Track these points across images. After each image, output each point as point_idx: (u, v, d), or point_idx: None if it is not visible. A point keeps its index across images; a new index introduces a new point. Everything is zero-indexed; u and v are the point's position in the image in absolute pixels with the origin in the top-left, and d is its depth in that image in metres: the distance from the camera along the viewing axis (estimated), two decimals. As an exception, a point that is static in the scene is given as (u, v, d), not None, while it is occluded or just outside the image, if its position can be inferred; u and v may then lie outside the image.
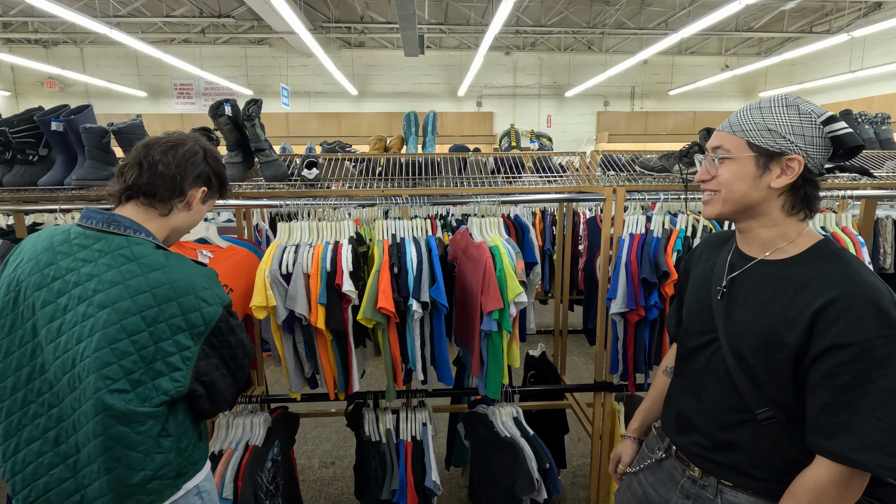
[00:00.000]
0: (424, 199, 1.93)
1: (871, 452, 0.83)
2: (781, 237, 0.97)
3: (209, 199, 1.25)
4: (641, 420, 1.33)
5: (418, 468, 1.91)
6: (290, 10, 5.65)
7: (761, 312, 0.95)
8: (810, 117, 0.92)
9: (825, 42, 7.52)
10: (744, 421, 0.99)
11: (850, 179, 2.08)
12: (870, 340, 0.83)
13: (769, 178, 0.94)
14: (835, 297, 0.86)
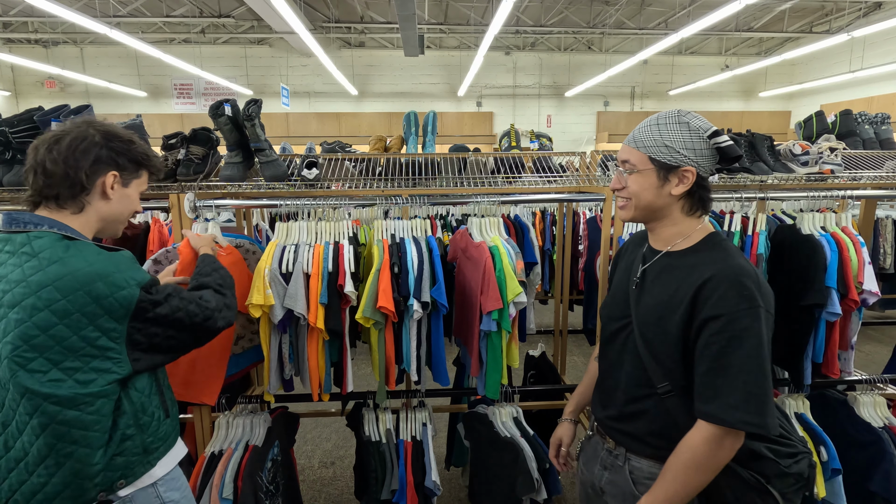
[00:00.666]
0: (424, 199, 1.92)
1: (733, 411, 0.97)
2: (679, 234, 1.13)
3: (133, 180, 1.20)
4: (575, 403, 1.46)
5: (418, 468, 1.91)
6: (290, 10, 5.65)
7: (659, 295, 1.11)
8: (698, 132, 1.08)
9: (825, 42, 7.52)
10: (648, 395, 1.13)
11: (849, 179, 2.08)
12: (733, 312, 0.98)
13: (669, 187, 1.10)
14: (709, 277, 1.02)
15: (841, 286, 1.77)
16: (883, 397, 1.99)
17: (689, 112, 1.10)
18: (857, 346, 1.78)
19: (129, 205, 1.21)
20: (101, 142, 1.12)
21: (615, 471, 1.20)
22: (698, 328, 1.02)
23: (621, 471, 1.18)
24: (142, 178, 1.23)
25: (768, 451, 1.07)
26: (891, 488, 1.78)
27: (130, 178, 1.19)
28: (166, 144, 1.94)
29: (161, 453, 1.20)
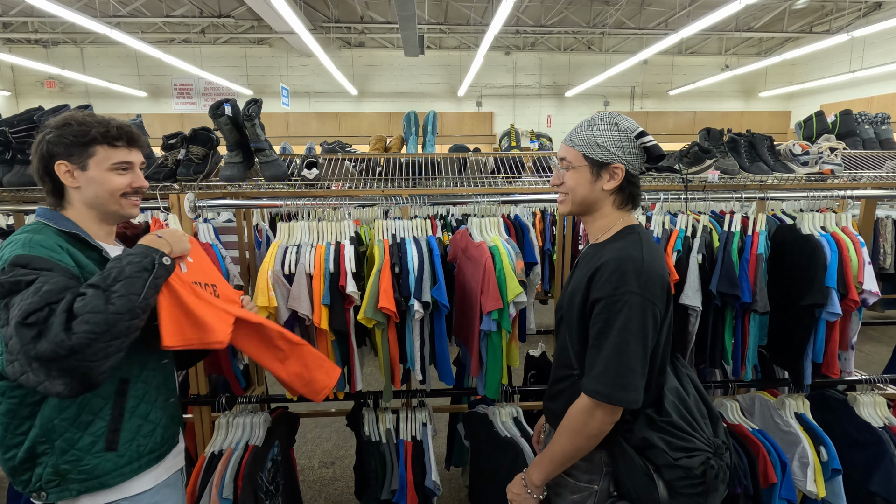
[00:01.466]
0: (424, 199, 1.92)
1: (594, 382, 1.10)
2: (604, 227, 1.23)
3: (88, 161, 1.14)
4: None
5: (418, 468, 1.91)
6: (290, 10, 5.65)
7: (573, 282, 1.22)
8: (626, 132, 1.17)
9: (825, 42, 7.52)
10: (567, 376, 1.24)
11: (849, 179, 2.08)
12: (609, 295, 1.09)
13: (602, 183, 1.19)
14: (600, 264, 1.13)
15: (841, 286, 1.77)
16: (883, 397, 1.99)
17: (619, 114, 1.20)
18: (857, 346, 1.78)
19: (101, 185, 1.15)
20: (45, 138, 1.14)
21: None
22: (589, 310, 1.14)
23: None
24: (99, 155, 1.15)
25: (661, 442, 1.14)
26: (891, 488, 1.79)
27: (84, 160, 1.14)
28: (166, 144, 1.94)
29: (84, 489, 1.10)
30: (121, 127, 1.18)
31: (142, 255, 1.06)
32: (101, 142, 1.15)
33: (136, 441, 1.16)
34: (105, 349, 0.96)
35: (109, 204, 1.18)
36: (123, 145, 1.18)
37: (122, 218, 1.24)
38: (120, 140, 1.17)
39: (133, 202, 1.22)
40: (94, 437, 1.10)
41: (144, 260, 1.05)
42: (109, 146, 1.16)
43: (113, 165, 1.17)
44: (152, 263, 1.06)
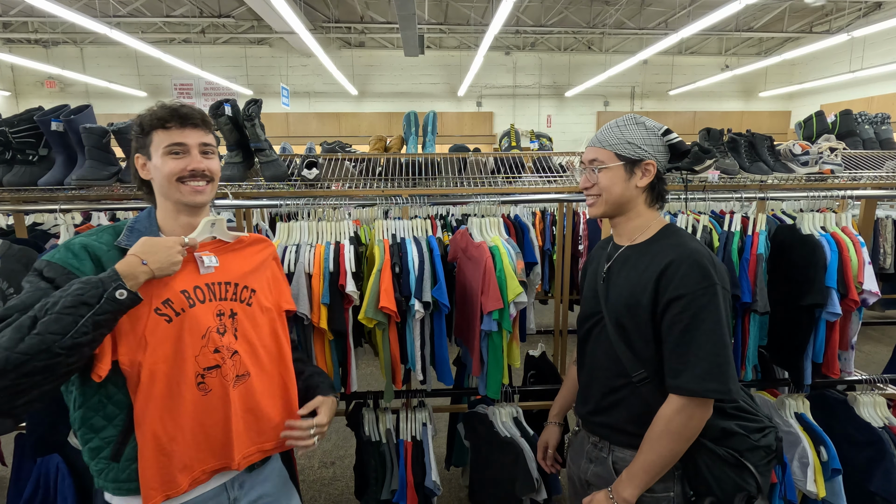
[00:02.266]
0: (424, 199, 1.92)
1: (699, 381, 1.07)
2: (640, 227, 1.25)
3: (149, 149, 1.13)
4: (559, 406, 1.55)
5: (418, 468, 1.91)
6: (290, 10, 5.65)
7: (626, 284, 1.20)
8: (653, 131, 1.22)
9: (825, 42, 7.52)
10: (623, 385, 1.21)
11: (849, 179, 2.08)
12: (693, 292, 1.09)
13: (635, 180, 1.22)
14: (669, 262, 1.12)
15: (841, 286, 1.77)
16: (883, 397, 1.99)
17: (642, 116, 1.25)
18: (857, 346, 1.78)
19: (159, 172, 1.12)
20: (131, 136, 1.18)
21: (599, 463, 1.26)
22: (663, 309, 1.12)
23: (605, 462, 1.24)
24: (156, 140, 1.12)
25: (739, 428, 1.16)
26: (891, 488, 1.79)
27: (148, 149, 1.13)
28: (166, 144, 1.93)
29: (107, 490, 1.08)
30: (169, 106, 1.12)
31: (91, 286, 0.93)
32: (155, 126, 1.12)
33: (134, 465, 1.06)
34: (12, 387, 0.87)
35: (170, 191, 1.12)
36: (175, 125, 1.11)
37: (189, 206, 1.14)
38: (171, 121, 1.11)
39: (193, 188, 1.12)
40: (103, 443, 1.06)
41: (89, 292, 0.92)
42: (162, 129, 1.11)
43: (165, 149, 1.11)
44: (98, 297, 0.92)
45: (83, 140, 1.78)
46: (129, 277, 0.97)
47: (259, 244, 1.30)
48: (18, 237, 2.05)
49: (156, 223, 1.16)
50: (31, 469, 1.73)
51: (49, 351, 0.88)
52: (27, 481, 1.72)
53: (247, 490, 1.20)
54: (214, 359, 1.11)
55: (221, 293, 1.16)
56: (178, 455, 1.07)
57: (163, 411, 1.06)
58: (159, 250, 1.02)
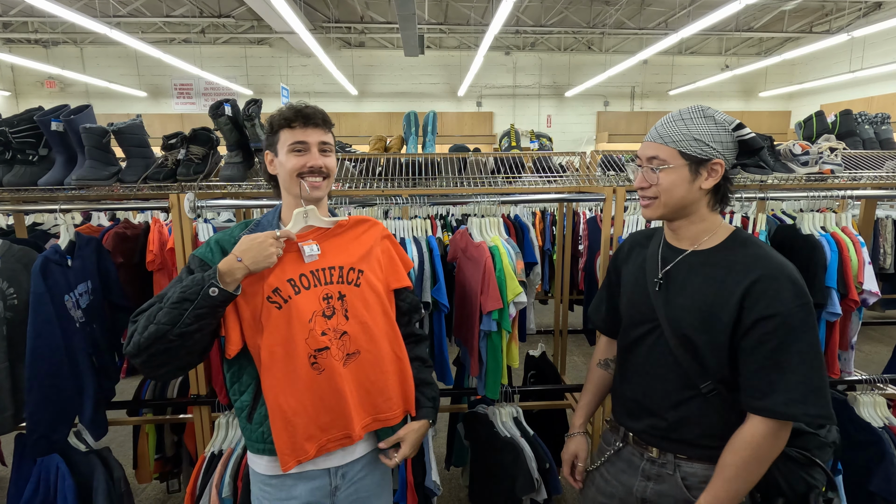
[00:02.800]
0: (424, 199, 1.92)
1: (797, 405, 0.98)
2: (705, 231, 1.13)
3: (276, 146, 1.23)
4: (585, 415, 1.42)
5: (418, 468, 1.91)
6: (290, 10, 5.65)
7: (698, 296, 1.09)
8: (724, 126, 1.09)
9: (825, 42, 7.52)
10: (691, 396, 1.11)
11: (849, 179, 2.08)
12: (789, 310, 0.99)
13: (700, 181, 1.09)
14: (758, 277, 1.02)
15: (841, 286, 1.77)
16: (883, 397, 1.99)
17: (709, 107, 1.12)
18: (857, 346, 1.78)
19: (283, 168, 1.21)
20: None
21: (663, 480, 1.16)
22: (748, 327, 1.02)
23: (671, 479, 1.14)
24: (282, 139, 1.21)
25: (807, 428, 1.12)
26: (891, 488, 1.78)
27: (275, 147, 1.23)
28: (166, 144, 1.94)
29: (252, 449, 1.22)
30: (295, 107, 1.22)
31: (195, 283, 1.07)
32: (282, 125, 1.21)
33: (262, 428, 1.19)
34: (148, 362, 1.08)
35: (291, 186, 1.21)
36: (299, 125, 1.20)
37: (307, 201, 1.22)
38: (295, 120, 1.20)
39: (312, 183, 1.20)
40: (243, 406, 1.21)
41: (191, 289, 1.06)
42: (288, 128, 1.20)
43: (290, 147, 1.20)
44: (196, 294, 1.06)
45: (83, 140, 1.78)
46: (227, 274, 1.09)
47: (362, 225, 1.33)
48: (18, 237, 2.05)
49: (278, 218, 1.27)
50: (31, 469, 1.73)
51: (164, 338, 1.05)
52: (27, 481, 1.72)
53: (347, 482, 1.27)
54: (322, 341, 1.18)
55: (326, 278, 1.22)
56: (301, 426, 1.17)
57: (285, 387, 1.17)
58: (252, 247, 1.12)
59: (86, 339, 1.73)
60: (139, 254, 2.17)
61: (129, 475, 1.97)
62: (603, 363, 1.41)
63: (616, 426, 1.29)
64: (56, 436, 1.65)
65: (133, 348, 1.07)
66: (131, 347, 1.07)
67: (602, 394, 1.41)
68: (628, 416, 1.24)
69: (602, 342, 1.44)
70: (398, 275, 1.35)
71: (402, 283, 1.36)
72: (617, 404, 1.29)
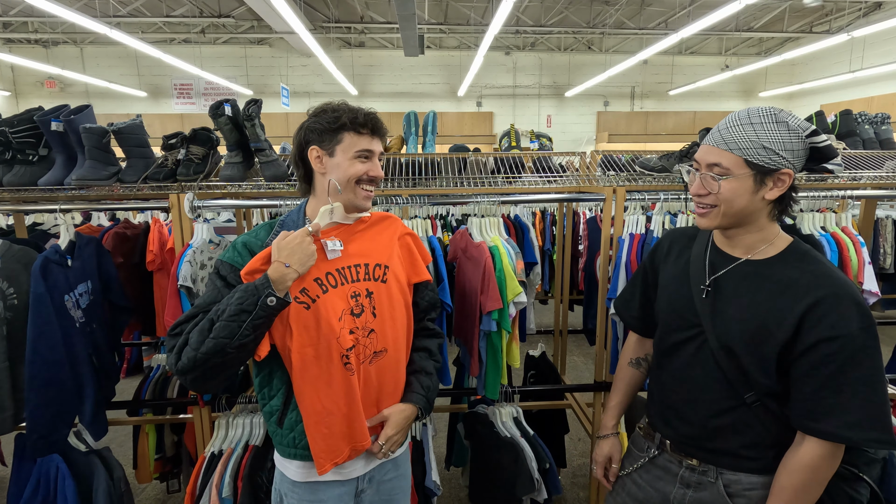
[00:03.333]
0: (424, 199, 1.92)
1: (857, 429, 0.94)
2: (763, 240, 1.07)
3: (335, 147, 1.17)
4: (616, 415, 1.37)
5: (418, 468, 1.91)
6: (290, 10, 5.65)
7: (751, 309, 1.04)
8: (798, 132, 1.00)
9: (825, 42, 7.52)
10: (733, 406, 1.08)
11: (849, 179, 2.08)
12: (852, 333, 0.95)
13: (764, 192, 1.02)
14: (821, 297, 0.97)
15: (841, 286, 1.77)
16: (883, 397, 1.98)
17: (783, 110, 1.02)
18: (857, 346, 1.79)
19: (344, 171, 1.17)
20: (304, 125, 1.21)
21: (703, 488, 1.12)
22: (807, 348, 0.97)
23: (713, 486, 1.11)
24: (346, 142, 1.17)
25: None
26: (891, 489, 1.78)
27: (332, 147, 1.17)
28: (166, 144, 1.94)
29: (282, 453, 1.21)
30: (368, 115, 1.20)
31: (249, 294, 1.05)
32: (349, 128, 1.17)
33: (293, 434, 1.18)
34: (202, 377, 1.07)
35: (346, 191, 1.18)
36: (368, 133, 1.19)
37: (356, 208, 1.21)
38: (365, 127, 1.18)
39: (367, 193, 1.20)
40: (272, 410, 1.20)
41: (247, 301, 1.04)
42: (356, 133, 1.17)
43: (357, 153, 1.17)
44: (254, 304, 1.04)
45: (83, 140, 1.78)
46: (279, 282, 1.06)
47: (385, 221, 1.32)
48: (18, 237, 2.05)
49: (304, 218, 1.23)
50: (31, 469, 1.73)
51: (223, 351, 1.04)
52: (27, 481, 1.72)
53: (374, 485, 1.29)
54: (351, 339, 1.17)
55: (353, 275, 1.20)
56: (336, 427, 1.17)
57: (318, 389, 1.15)
58: (293, 249, 1.09)
59: (86, 339, 1.73)
60: (139, 254, 2.18)
61: (129, 475, 1.98)
62: (634, 362, 1.37)
63: (651, 433, 1.24)
64: (56, 436, 1.65)
65: (188, 364, 1.04)
66: (186, 363, 1.05)
67: (633, 394, 1.37)
68: (666, 423, 1.19)
69: (632, 340, 1.39)
70: (418, 269, 1.34)
71: (422, 278, 1.34)
72: (653, 410, 1.25)
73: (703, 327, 1.09)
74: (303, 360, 1.14)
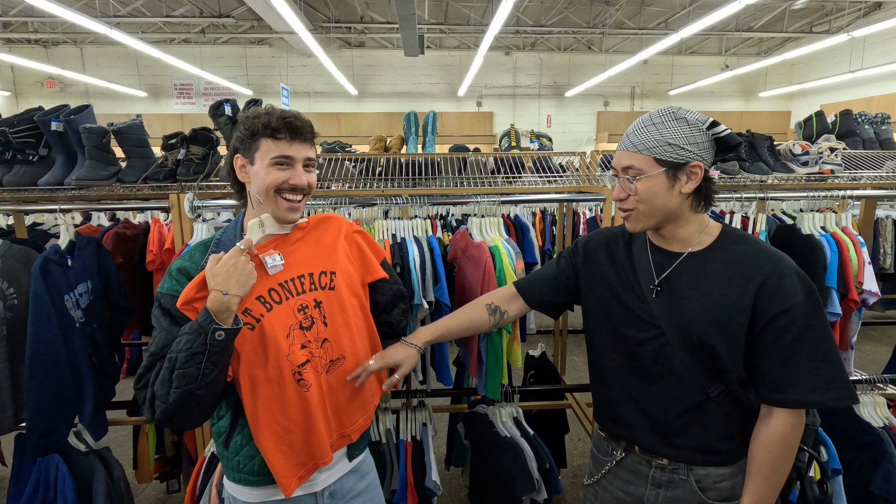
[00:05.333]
0: (424, 199, 1.92)
1: (821, 391, 0.99)
2: (696, 231, 1.11)
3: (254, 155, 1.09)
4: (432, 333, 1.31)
5: (418, 468, 1.91)
6: (290, 10, 5.65)
7: (708, 301, 1.07)
8: (698, 125, 1.05)
9: (825, 42, 7.52)
10: (698, 402, 1.10)
11: (849, 179, 2.08)
12: (799, 302, 1.00)
13: (679, 186, 1.06)
14: (768, 274, 1.02)
15: (841, 286, 1.77)
16: (883, 397, 1.98)
17: (680, 107, 1.08)
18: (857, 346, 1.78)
19: (261, 180, 1.09)
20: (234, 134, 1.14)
21: (676, 486, 1.14)
22: (764, 324, 1.02)
23: (684, 483, 1.13)
24: (262, 148, 1.08)
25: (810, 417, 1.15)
26: (891, 488, 1.78)
27: (252, 154, 1.10)
28: (166, 144, 1.94)
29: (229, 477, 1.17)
30: (283, 117, 1.09)
31: (195, 334, 0.97)
32: (263, 134, 1.08)
33: (238, 457, 1.13)
34: (185, 419, 1.03)
35: (266, 202, 1.10)
36: (285, 138, 1.09)
37: (282, 220, 1.12)
38: (281, 132, 1.08)
39: (290, 204, 1.10)
40: (220, 431, 1.16)
41: (196, 342, 0.97)
42: (272, 139, 1.08)
43: (273, 159, 1.08)
44: (203, 344, 0.97)
45: (83, 140, 1.78)
46: (221, 311, 0.99)
47: (325, 222, 1.24)
48: (18, 237, 2.05)
49: (241, 232, 1.15)
50: (31, 469, 1.73)
51: (192, 395, 0.99)
52: (27, 481, 1.72)
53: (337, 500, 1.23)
54: (303, 354, 1.12)
55: (298, 287, 1.14)
56: (297, 444, 1.12)
57: (273, 410, 1.10)
58: (229, 273, 1.00)
59: (86, 339, 1.73)
60: (139, 254, 2.18)
61: (129, 475, 1.98)
62: (491, 307, 1.35)
63: (616, 435, 1.24)
64: (56, 436, 1.65)
65: (164, 416, 1.00)
66: (161, 416, 1.00)
67: (467, 329, 1.35)
68: (631, 425, 1.19)
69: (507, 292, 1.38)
70: (370, 267, 1.28)
71: (376, 276, 1.28)
72: (612, 414, 1.23)
73: (663, 327, 1.10)
74: (253, 382, 1.08)
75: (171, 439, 2.32)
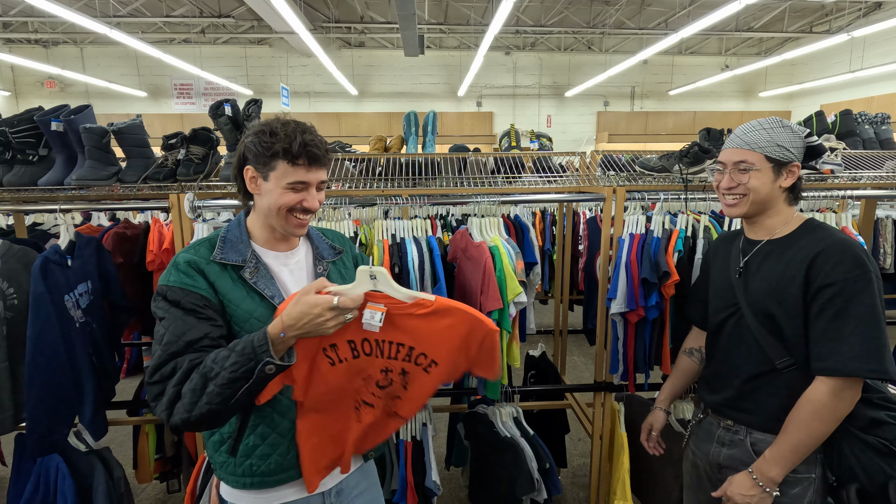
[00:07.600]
0: (424, 199, 1.93)
1: (853, 361, 1.10)
2: (782, 222, 1.30)
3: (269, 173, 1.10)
4: (667, 395, 1.60)
5: (418, 468, 1.91)
6: (290, 10, 5.65)
7: (772, 277, 1.25)
8: (799, 134, 1.28)
9: (825, 42, 7.52)
10: (766, 371, 1.26)
11: (849, 179, 2.08)
12: (847, 279, 1.13)
13: (781, 181, 1.28)
14: (820, 251, 1.17)
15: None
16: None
17: (783, 119, 1.30)
18: (857, 346, 1.79)
19: (274, 199, 1.10)
20: (244, 141, 1.13)
21: (735, 445, 1.31)
22: (813, 296, 1.16)
23: (742, 444, 1.29)
24: (279, 170, 1.09)
25: (889, 418, 1.20)
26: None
27: (266, 172, 1.10)
28: (166, 144, 1.94)
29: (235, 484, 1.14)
30: (305, 144, 1.08)
31: (246, 358, 0.95)
32: (281, 157, 1.08)
33: (251, 460, 1.11)
34: (197, 427, 1.00)
35: (276, 218, 1.13)
36: (304, 164, 1.09)
37: (287, 234, 1.17)
38: (300, 158, 1.08)
39: (298, 221, 1.14)
40: (222, 439, 1.13)
41: (243, 367, 0.95)
42: (290, 164, 1.09)
43: (289, 184, 1.09)
44: (250, 372, 0.95)
45: (83, 140, 1.78)
46: (278, 343, 0.97)
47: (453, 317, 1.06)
48: (18, 237, 2.05)
49: (246, 232, 1.17)
50: (31, 469, 1.73)
51: (217, 415, 0.98)
52: (27, 481, 1.72)
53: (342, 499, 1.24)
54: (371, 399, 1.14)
55: (391, 352, 1.09)
56: (328, 452, 1.16)
57: (321, 426, 1.13)
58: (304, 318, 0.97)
59: (86, 339, 1.73)
60: (139, 254, 2.18)
61: (129, 475, 1.98)
62: (688, 351, 1.57)
63: (698, 401, 1.47)
64: (56, 436, 1.65)
65: (181, 424, 0.97)
66: (178, 423, 0.97)
67: (687, 379, 1.56)
68: (709, 389, 1.40)
69: (693, 333, 1.59)
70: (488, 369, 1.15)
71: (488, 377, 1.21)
72: (700, 381, 1.47)
73: (740, 304, 1.29)
74: (317, 401, 1.10)
75: (171, 439, 2.32)
